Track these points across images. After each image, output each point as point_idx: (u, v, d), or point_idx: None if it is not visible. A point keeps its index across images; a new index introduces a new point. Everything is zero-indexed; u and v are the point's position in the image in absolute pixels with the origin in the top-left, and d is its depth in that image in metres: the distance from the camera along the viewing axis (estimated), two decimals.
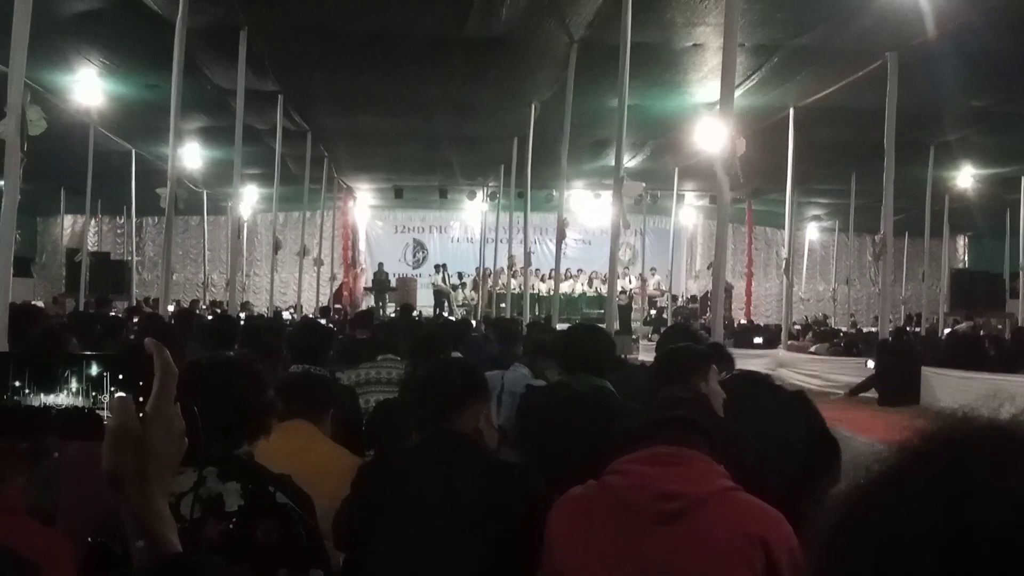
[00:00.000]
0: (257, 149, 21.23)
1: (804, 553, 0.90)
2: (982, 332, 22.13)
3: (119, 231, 33.91)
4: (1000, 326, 24.58)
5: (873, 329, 21.70)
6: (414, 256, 36.72)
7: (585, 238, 32.78)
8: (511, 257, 26.41)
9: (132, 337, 8.83)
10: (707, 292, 30.80)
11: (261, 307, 26.55)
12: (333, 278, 30.80)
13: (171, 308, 16.38)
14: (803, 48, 15.33)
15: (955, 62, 14.98)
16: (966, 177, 25.18)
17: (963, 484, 0.77)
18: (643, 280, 31.13)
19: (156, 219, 30.58)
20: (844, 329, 27.19)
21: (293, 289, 25.46)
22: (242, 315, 17.71)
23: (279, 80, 18.19)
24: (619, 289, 24.00)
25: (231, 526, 2.68)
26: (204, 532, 2.66)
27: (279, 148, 19.85)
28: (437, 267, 32.64)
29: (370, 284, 32.65)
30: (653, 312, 31.34)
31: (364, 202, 35.55)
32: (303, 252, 23.69)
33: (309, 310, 26.35)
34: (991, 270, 31.74)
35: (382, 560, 3.01)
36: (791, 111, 19.11)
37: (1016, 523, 0.73)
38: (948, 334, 21.99)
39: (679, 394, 4.07)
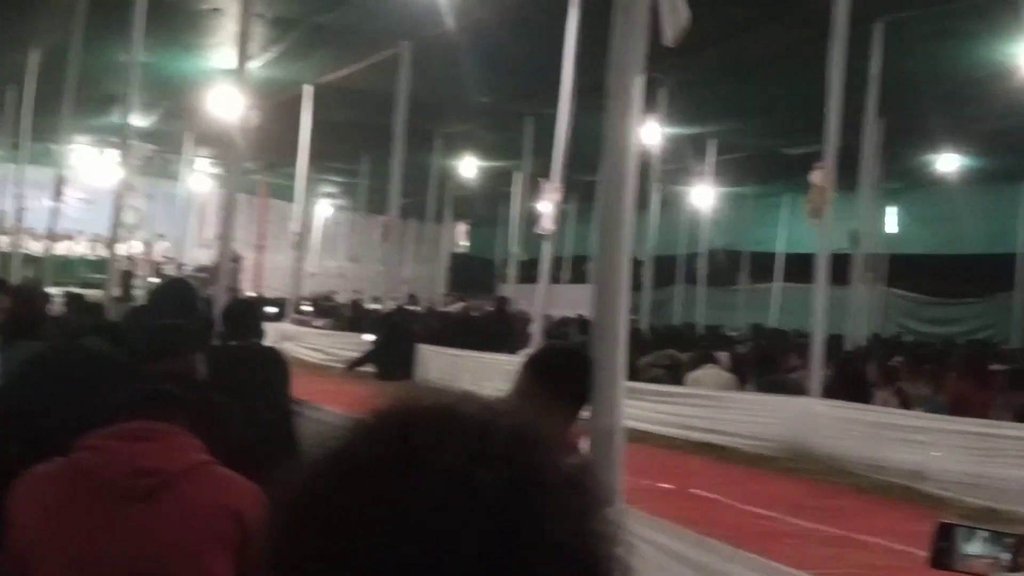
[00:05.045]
0: None
1: (261, 527, 0.89)
2: (474, 312, 23.74)
3: None
4: (491, 308, 26.50)
5: (377, 306, 22.50)
6: None
7: (88, 197, 30.83)
8: (1, 212, 24.21)
9: None
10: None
11: None
12: None
13: None
14: (323, 26, 15.50)
15: (464, 57, 15.86)
16: (469, 167, 26.87)
17: (408, 460, 0.81)
18: (149, 246, 29.95)
19: None
20: (349, 304, 27.93)
21: None
22: None
23: None
24: (122, 254, 22.85)
25: None
26: None
27: None
28: None
29: None
30: (158, 280, 30.22)
31: None
32: None
33: None
34: (486, 256, 34.26)
35: None
36: (308, 88, 19.25)
37: (453, 496, 0.78)
38: (442, 313, 23.35)
39: (171, 368, 4.01)
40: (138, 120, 17.88)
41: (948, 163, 22.42)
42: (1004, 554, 2.25)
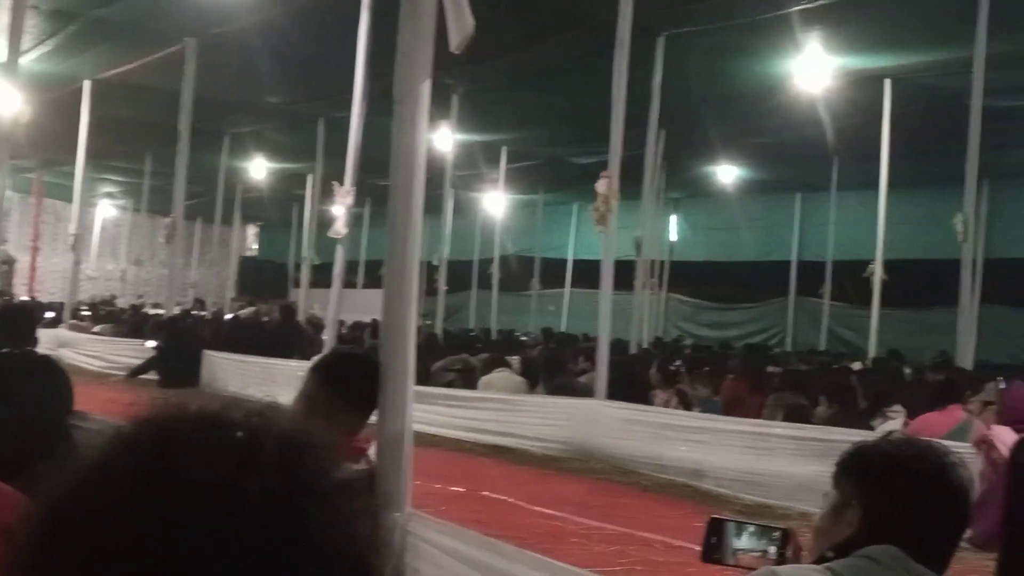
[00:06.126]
0: None
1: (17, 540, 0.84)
2: (266, 318, 23.21)
3: None
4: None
5: (160, 311, 21.71)
6: None
7: None
8: None
9: None
10: None
11: None
12: None
13: None
14: (104, 20, 14.88)
15: (254, 56, 15.51)
16: (260, 169, 26.30)
17: (167, 470, 0.78)
18: None
19: None
20: (130, 309, 26.88)
21: None
22: None
23: None
24: None
25: None
26: None
27: None
28: None
29: None
30: None
31: None
32: None
33: None
34: (278, 259, 33.72)
35: None
36: (87, 83, 18.43)
37: (217, 506, 0.76)
38: (231, 319, 22.75)
39: None
40: None
41: (726, 174, 23.49)
42: (771, 547, 2.37)
